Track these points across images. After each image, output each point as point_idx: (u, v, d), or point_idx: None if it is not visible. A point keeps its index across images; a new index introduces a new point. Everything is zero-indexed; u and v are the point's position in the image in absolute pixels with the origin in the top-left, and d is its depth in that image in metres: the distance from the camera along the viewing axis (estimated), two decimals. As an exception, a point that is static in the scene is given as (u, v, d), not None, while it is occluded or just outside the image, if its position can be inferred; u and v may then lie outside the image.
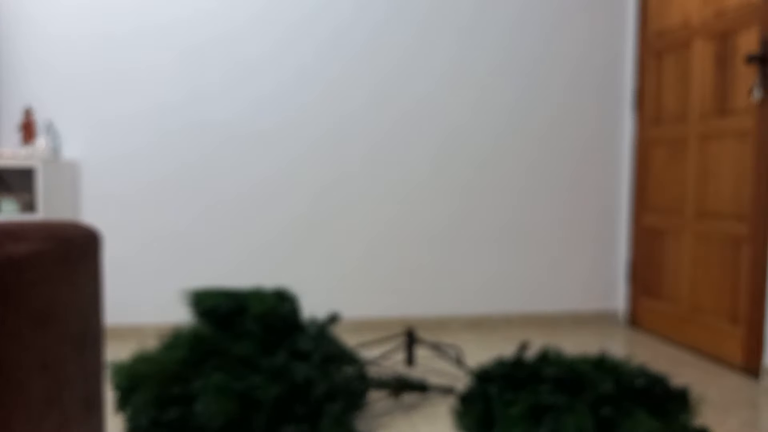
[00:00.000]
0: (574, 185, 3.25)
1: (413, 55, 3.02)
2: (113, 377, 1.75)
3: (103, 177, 2.83)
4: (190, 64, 2.87)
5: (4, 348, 0.69)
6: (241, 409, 1.65)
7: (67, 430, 0.88)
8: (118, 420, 1.74)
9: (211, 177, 2.91)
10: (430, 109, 3.07)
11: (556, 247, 3.22)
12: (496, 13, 3.10)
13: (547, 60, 3.17)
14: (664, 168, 2.98)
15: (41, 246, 0.80)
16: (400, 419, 1.95)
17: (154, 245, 2.88)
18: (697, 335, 2.72)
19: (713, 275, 2.63)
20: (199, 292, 1.94)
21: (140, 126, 2.84)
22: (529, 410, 1.67)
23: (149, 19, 2.82)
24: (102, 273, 1.05)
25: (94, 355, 0.99)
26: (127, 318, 2.85)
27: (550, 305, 3.10)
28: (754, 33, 2.41)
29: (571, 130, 3.22)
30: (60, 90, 2.77)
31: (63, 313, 0.85)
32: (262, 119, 2.93)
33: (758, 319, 2.37)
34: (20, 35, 2.73)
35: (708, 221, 2.67)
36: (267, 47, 2.92)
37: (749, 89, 2.39)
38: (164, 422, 1.64)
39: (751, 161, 2.42)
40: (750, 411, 2.05)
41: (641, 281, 3.17)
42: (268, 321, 1.83)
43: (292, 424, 1.69)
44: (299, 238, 3.00)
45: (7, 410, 0.70)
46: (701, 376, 2.42)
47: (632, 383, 1.73)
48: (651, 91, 3.09)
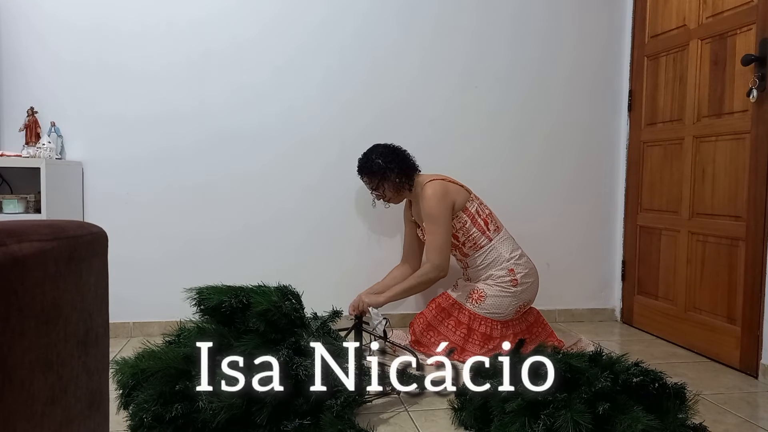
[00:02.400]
0: (570, 185, 3.26)
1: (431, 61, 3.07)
2: (117, 375, 1.77)
3: (107, 177, 2.84)
4: (199, 68, 2.88)
5: (8, 346, 0.70)
6: (244, 404, 1.67)
7: (71, 427, 0.88)
8: (121, 417, 1.76)
9: (214, 176, 2.93)
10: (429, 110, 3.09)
11: (553, 246, 3.23)
12: (498, 16, 3.11)
13: (544, 62, 3.18)
14: (659, 168, 2.99)
15: (46, 245, 0.80)
16: (399, 415, 1.97)
17: (159, 243, 2.90)
18: (693, 334, 2.73)
19: (709, 274, 2.64)
20: (203, 290, 1.96)
21: (144, 126, 2.85)
22: (526, 406, 1.68)
23: (158, 21, 2.83)
24: (107, 272, 1.06)
25: (98, 353, 1.00)
26: (131, 316, 2.87)
27: (546, 303, 3.11)
28: (751, 34, 2.41)
29: (568, 130, 3.23)
30: (64, 90, 2.78)
31: (67, 311, 0.86)
32: (265, 121, 2.95)
33: (755, 318, 2.38)
34: (24, 35, 2.74)
35: (704, 221, 2.68)
36: (273, 55, 2.94)
37: (746, 90, 2.40)
38: (168, 419, 1.66)
39: (747, 162, 2.43)
40: (747, 409, 2.06)
41: (637, 280, 3.18)
42: (271, 318, 1.85)
43: (294, 420, 1.70)
44: (300, 235, 3.02)
45: (10, 408, 0.70)
46: (698, 375, 2.43)
47: (629, 380, 1.74)
48: (647, 92, 3.10)
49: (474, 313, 2.58)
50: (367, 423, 1.85)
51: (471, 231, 2.62)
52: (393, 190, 2.69)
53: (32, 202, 2.59)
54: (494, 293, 2.57)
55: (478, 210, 2.65)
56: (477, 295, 2.59)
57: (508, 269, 2.60)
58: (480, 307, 2.57)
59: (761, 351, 2.35)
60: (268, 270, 2.79)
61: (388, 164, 2.65)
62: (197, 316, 1.95)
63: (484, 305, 2.57)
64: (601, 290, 3.35)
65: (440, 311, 2.62)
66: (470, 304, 2.59)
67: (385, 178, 2.66)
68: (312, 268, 3.03)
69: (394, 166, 2.65)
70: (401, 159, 2.69)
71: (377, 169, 2.66)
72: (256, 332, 1.83)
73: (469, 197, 2.66)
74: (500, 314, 2.58)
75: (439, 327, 2.60)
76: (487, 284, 2.61)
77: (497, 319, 2.58)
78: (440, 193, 2.57)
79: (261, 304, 1.84)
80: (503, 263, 2.61)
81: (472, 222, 2.62)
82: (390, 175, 2.65)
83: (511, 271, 2.60)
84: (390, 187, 2.68)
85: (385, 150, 2.70)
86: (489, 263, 2.63)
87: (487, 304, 2.57)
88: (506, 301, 2.57)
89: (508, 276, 2.59)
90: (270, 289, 1.94)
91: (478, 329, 2.56)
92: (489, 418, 1.79)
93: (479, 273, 2.66)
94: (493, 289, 2.58)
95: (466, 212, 2.62)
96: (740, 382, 2.34)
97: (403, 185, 2.68)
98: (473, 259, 2.66)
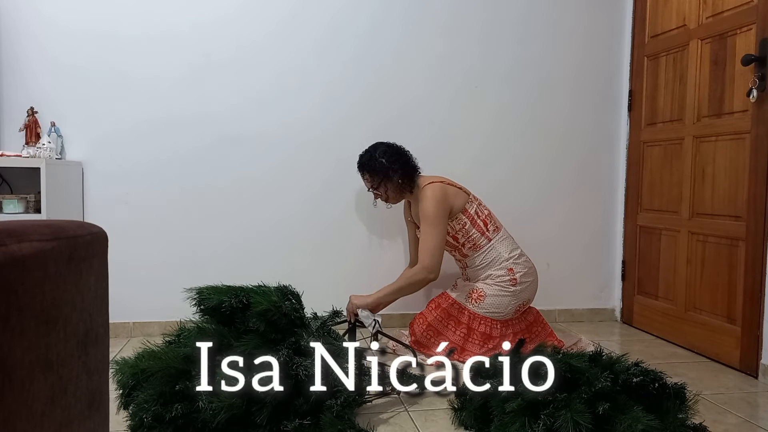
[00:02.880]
0: (570, 185, 3.26)
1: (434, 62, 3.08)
2: (117, 375, 1.77)
3: (107, 177, 2.84)
4: (200, 71, 2.88)
5: (8, 346, 0.70)
6: (244, 404, 1.67)
7: (71, 427, 0.88)
8: (121, 417, 1.76)
9: (215, 177, 2.93)
10: (431, 110, 3.09)
11: (553, 246, 3.23)
12: (498, 16, 3.11)
13: (544, 63, 3.18)
14: (659, 168, 2.99)
15: (46, 245, 0.80)
16: (399, 415, 1.97)
17: (159, 243, 2.90)
18: (693, 334, 2.73)
19: (709, 274, 2.64)
20: (203, 290, 1.96)
21: (145, 127, 2.85)
22: (526, 406, 1.68)
23: (158, 23, 2.83)
24: (107, 272, 1.06)
25: (98, 353, 1.00)
26: (131, 316, 2.87)
27: (546, 303, 3.12)
28: (751, 34, 2.41)
29: (568, 131, 3.24)
30: (65, 90, 2.78)
31: (68, 311, 0.86)
32: (266, 123, 2.95)
33: (755, 318, 2.38)
34: (24, 35, 2.74)
35: (704, 221, 2.68)
36: (275, 59, 2.94)
37: (746, 90, 2.40)
38: (168, 419, 1.66)
39: (747, 162, 2.43)
40: (747, 409, 2.06)
41: (637, 280, 3.18)
42: (271, 318, 1.85)
43: (294, 420, 1.70)
44: (301, 236, 3.02)
45: (10, 408, 0.70)
46: (698, 375, 2.43)
47: (629, 380, 1.74)
48: (647, 92, 3.10)
49: (473, 313, 2.58)
50: (367, 423, 1.85)
51: (471, 232, 2.62)
52: (394, 191, 2.68)
53: (32, 202, 2.59)
54: (493, 293, 2.57)
55: (477, 211, 2.65)
56: (476, 294, 2.59)
57: (507, 269, 2.60)
58: (479, 307, 2.57)
59: (761, 351, 2.35)
60: (268, 270, 2.79)
61: (392, 165, 2.63)
62: (197, 316, 1.95)
63: (483, 305, 2.57)
64: (601, 290, 3.35)
65: (440, 311, 2.62)
66: (470, 303, 2.59)
67: (387, 178, 2.64)
68: (312, 268, 3.03)
69: (397, 167, 2.63)
70: (404, 160, 2.67)
71: (380, 168, 2.63)
72: (256, 332, 1.83)
73: (468, 199, 2.66)
74: (500, 314, 2.58)
75: (439, 327, 2.60)
76: (487, 284, 2.61)
77: (497, 319, 2.58)
78: (439, 196, 2.57)
79: (261, 304, 1.85)
80: (502, 263, 2.61)
81: (471, 223, 2.62)
82: (393, 175, 2.63)
83: (510, 271, 2.60)
84: (392, 187, 2.66)
85: (388, 149, 2.67)
86: (488, 263, 2.63)
87: (486, 303, 2.57)
88: (506, 300, 2.57)
89: (507, 275, 2.59)
90: (270, 289, 1.94)
91: (478, 329, 2.56)
92: (489, 418, 1.79)
93: (478, 273, 2.66)
94: (493, 289, 2.58)
95: (465, 214, 2.62)
96: (740, 382, 2.34)
97: (404, 186, 2.67)
98: (472, 259, 2.66)
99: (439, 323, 2.61)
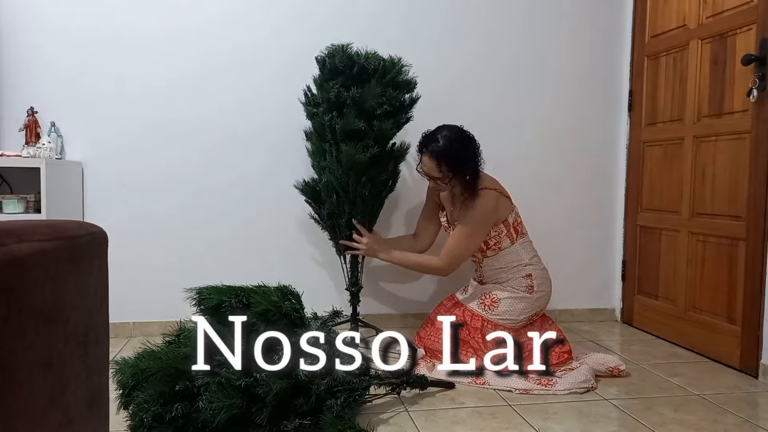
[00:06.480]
0: (570, 185, 3.26)
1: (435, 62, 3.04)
2: (117, 375, 1.77)
3: (107, 177, 2.84)
4: (200, 72, 2.89)
5: (8, 346, 0.70)
6: (244, 404, 1.67)
7: (71, 427, 0.88)
8: (121, 417, 1.76)
9: (214, 177, 2.93)
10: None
11: (553, 246, 3.22)
12: (498, 17, 3.11)
13: (544, 62, 3.18)
14: (659, 168, 2.99)
15: (46, 245, 0.80)
16: (399, 415, 1.97)
17: (159, 243, 2.90)
18: (693, 334, 2.73)
19: (709, 274, 2.64)
20: (203, 290, 1.96)
21: (145, 127, 2.85)
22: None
23: (160, 25, 2.84)
24: (107, 271, 1.06)
25: (98, 353, 1.00)
26: (131, 316, 2.87)
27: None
28: (751, 34, 2.41)
29: (568, 130, 3.23)
30: (64, 90, 2.78)
31: (68, 311, 0.86)
32: (266, 124, 2.95)
33: (755, 318, 2.38)
34: (24, 35, 2.74)
35: (704, 221, 2.68)
36: (274, 58, 2.94)
37: (746, 90, 2.40)
38: (168, 419, 1.66)
39: (747, 162, 2.42)
40: (747, 409, 2.06)
41: (637, 280, 3.18)
42: (271, 318, 1.85)
43: (294, 420, 1.70)
44: (301, 236, 3.02)
45: (10, 408, 0.70)
46: (698, 375, 2.43)
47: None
48: (647, 92, 3.10)
49: (486, 319, 2.47)
50: (367, 423, 1.85)
51: (501, 237, 2.53)
52: (460, 185, 2.46)
53: (32, 202, 2.59)
54: (507, 296, 2.49)
55: (515, 220, 2.57)
56: (489, 300, 2.51)
57: (526, 273, 2.53)
58: (492, 313, 2.48)
59: (761, 351, 2.35)
60: (269, 270, 2.79)
61: (470, 161, 2.42)
62: (197, 316, 1.95)
63: (496, 311, 2.48)
64: (601, 290, 3.35)
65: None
66: (482, 309, 2.50)
67: (460, 173, 2.42)
68: (312, 268, 3.03)
69: (474, 163, 2.44)
70: (478, 156, 2.47)
71: (459, 161, 2.40)
72: (256, 332, 1.83)
73: (511, 209, 2.57)
74: (512, 320, 2.48)
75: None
76: (501, 287, 2.53)
77: (509, 326, 2.45)
78: (491, 208, 2.46)
79: (261, 304, 1.85)
80: (522, 267, 2.54)
81: (507, 232, 2.53)
82: (467, 171, 2.43)
83: (528, 276, 2.52)
84: (458, 182, 2.45)
85: (467, 142, 2.44)
86: (507, 265, 2.55)
87: (500, 309, 2.48)
88: (520, 306, 2.48)
89: (525, 281, 2.51)
90: (270, 289, 1.94)
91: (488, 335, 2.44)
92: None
93: (497, 275, 2.58)
94: (506, 293, 2.50)
95: (504, 223, 2.53)
96: (740, 382, 2.34)
97: (470, 184, 2.45)
98: (492, 259, 2.57)
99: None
